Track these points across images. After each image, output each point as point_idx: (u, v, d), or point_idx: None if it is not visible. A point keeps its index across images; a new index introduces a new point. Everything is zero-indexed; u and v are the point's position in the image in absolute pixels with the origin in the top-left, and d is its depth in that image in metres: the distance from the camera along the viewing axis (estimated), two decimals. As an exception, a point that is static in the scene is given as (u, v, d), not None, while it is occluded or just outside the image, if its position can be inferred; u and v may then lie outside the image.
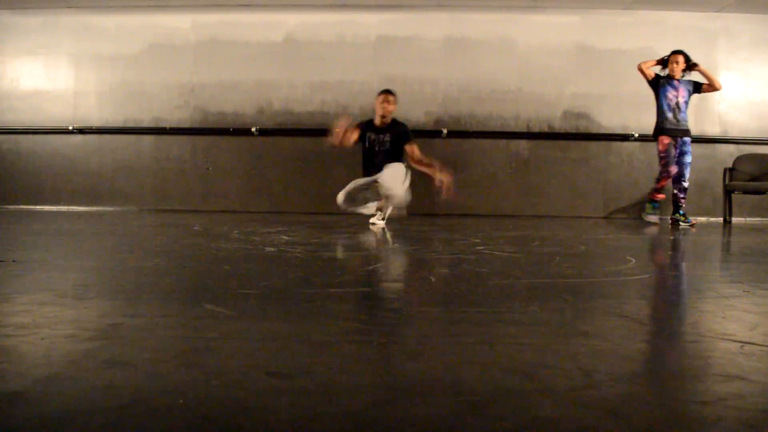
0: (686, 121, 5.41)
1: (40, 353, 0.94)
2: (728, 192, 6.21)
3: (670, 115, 5.38)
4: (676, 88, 5.38)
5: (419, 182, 4.44)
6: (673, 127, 5.38)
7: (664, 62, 5.45)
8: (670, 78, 5.40)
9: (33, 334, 1.04)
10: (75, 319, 1.19)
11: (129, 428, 0.64)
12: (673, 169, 5.32)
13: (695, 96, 5.61)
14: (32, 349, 0.96)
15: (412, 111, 6.42)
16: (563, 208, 6.73)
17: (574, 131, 6.73)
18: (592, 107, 6.72)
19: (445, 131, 6.65)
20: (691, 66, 5.38)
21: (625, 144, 6.75)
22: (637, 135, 6.67)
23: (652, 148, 6.74)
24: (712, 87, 5.40)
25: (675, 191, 5.41)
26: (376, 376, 0.89)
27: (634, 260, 2.42)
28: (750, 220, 6.37)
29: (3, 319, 1.20)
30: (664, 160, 5.37)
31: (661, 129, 5.41)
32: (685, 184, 5.32)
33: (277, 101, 6.77)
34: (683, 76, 5.41)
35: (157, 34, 6.80)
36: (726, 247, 3.51)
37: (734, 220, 6.24)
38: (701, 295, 1.71)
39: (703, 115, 6.68)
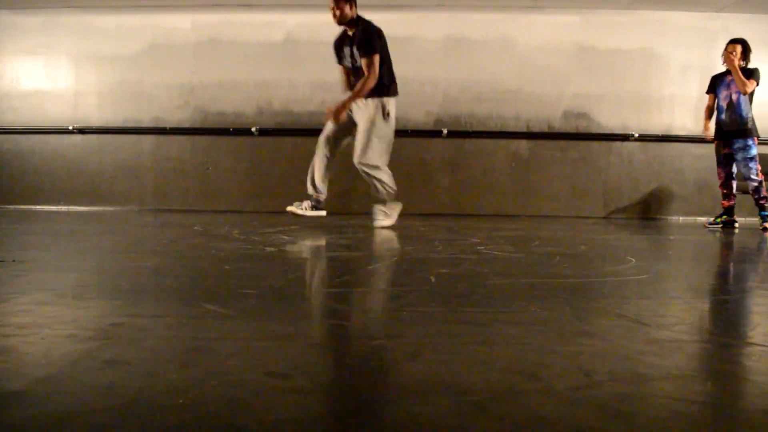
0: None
1: (40, 353, 0.94)
2: None
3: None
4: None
5: (417, 182, 4.43)
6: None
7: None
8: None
9: (33, 333, 1.04)
10: (75, 318, 1.19)
11: (129, 428, 0.64)
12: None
13: (696, 96, 5.55)
14: (32, 349, 0.96)
15: (411, 111, 6.43)
16: (563, 208, 6.74)
17: (574, 131, 6.73)
18: (592, 107, 6.72)
19: (445, 131, 6.65)
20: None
21: (625, 144, 6.75)
22: (637, 135, 6.67)
23: (652, 149, 6.76)
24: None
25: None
26: (375, 375, 0.89)
27: (634, 260, 2.42)
28: (749, 219, 6.37)
29: (3, 318, 1.20)
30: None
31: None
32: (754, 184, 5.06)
33: (277, 101, 6.77)
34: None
35: (157, 34, 6.80)
36: (728, 247, 3.50)
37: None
38: (701, 295, 1.71)
39: (703, 115, 6.67)
